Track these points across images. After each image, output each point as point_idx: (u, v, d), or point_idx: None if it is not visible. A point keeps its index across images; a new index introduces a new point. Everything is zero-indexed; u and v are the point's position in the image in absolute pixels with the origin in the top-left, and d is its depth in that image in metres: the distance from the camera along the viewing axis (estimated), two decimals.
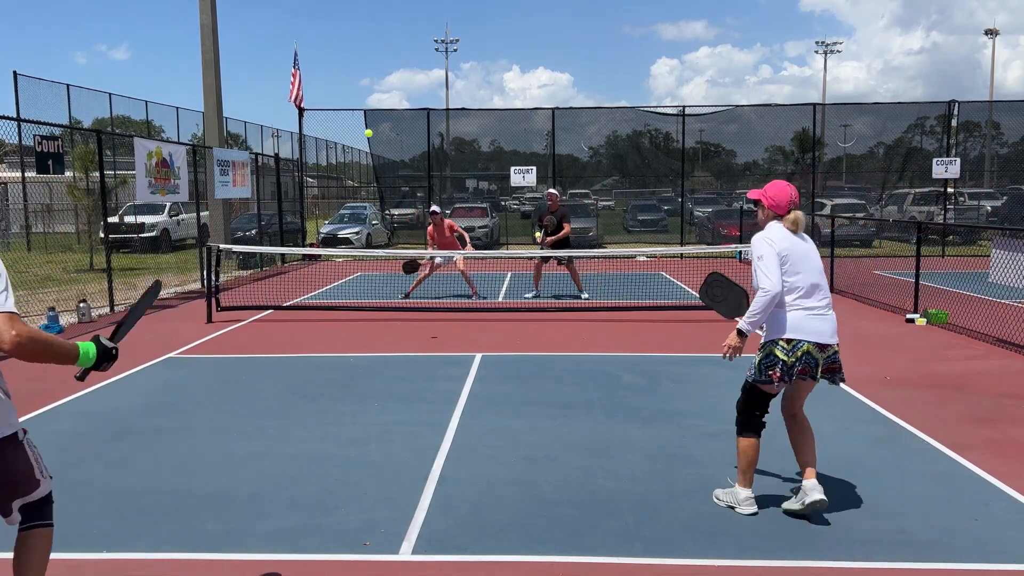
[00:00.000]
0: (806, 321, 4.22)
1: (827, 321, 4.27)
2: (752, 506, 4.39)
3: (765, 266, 4.23)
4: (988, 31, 51.20)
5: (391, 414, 6.38)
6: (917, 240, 11.68)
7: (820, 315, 4.25)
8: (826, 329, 4.25)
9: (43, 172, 10.65)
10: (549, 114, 23.44)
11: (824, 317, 4.26)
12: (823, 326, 4.24)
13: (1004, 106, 25.57)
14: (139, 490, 4.80)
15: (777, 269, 4.21)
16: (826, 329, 4.25)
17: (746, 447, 4.38)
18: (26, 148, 19.86)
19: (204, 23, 18.03)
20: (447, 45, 55.11)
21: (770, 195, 4.42)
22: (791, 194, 4.39)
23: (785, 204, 4.37)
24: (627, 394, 6.95)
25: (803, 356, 4.20)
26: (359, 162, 45.54)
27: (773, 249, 4.26)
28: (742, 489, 4.42)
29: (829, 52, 56.57)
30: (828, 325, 4.26)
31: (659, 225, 26.55)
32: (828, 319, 4.28)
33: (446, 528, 4.25)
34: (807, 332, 4.21)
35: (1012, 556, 3.89)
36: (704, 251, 20.73)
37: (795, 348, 4.20)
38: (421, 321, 10.89)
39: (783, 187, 4.42)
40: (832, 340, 4.27)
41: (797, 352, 4.20)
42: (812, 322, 4.23)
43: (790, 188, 4.42)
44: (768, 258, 4.24)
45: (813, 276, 4.28)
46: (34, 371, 8.09)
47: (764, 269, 4.23)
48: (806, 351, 4.20)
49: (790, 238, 4.31)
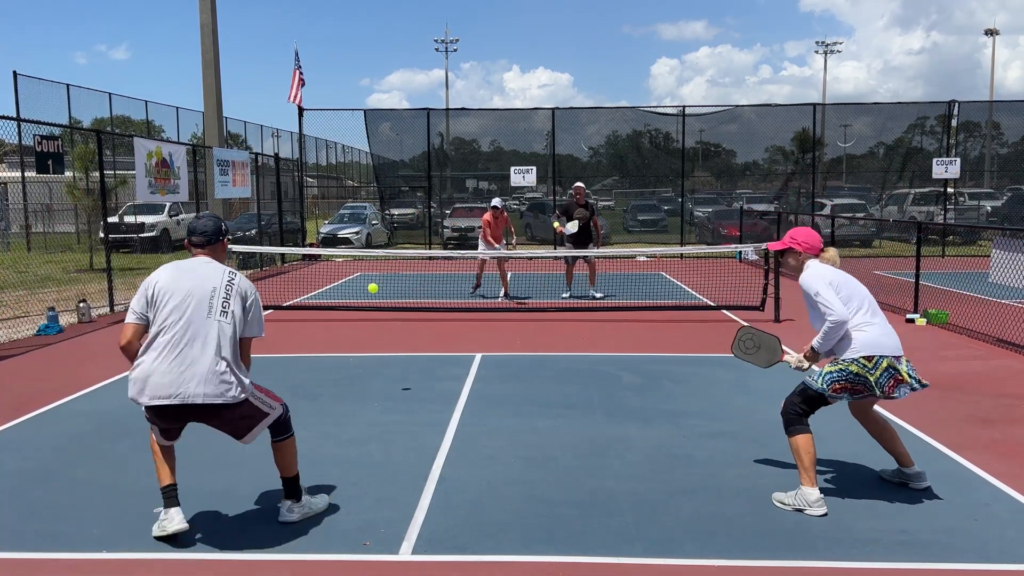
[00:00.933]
0: (881, 337, 4.42)
1: (894, 336, 4.51)
2: (823, 507, 4.37)
3: (825, 299, 4.40)
4: (988, 31, 51.25)
5: (391, 414, 6.37)
6: (917, 240, 11.69)
7: (888, 331, 4.49)
8: (896, 343, 4.48)
9: (43, 172, 10.64)
10: (549, 114, 23.44)
11: (891, 332, 4.51)
12: (894, 340, 4.48)
13: (1004, 106, 25.57)
14: (139, 490, 4.79)
15: (837, 298, 4.39)
16: (896, 343, 4.48)
17: (806, 443, 4.44)
18: (26, 148, 19.87)
19: (204, 23, 18.05)
20: (447, 45, 55.16)
21: (800, 240, 4.66)
22: (820, 236, 4.71)
23: (819, 244, 4.65)
24: (627, 394, 6.95)
25: (886, 371, 4.37)
26: (359, 162, 45.54)
27: (826, 281, 4.45)
28: (811, 490, 4.40)
29: (829, 52, 56.60)
30: (896, 340, 4.50)
31: (659, 225, 26.55)
32: (894, 335, 4.52)
33: (446, 528, 4.24)
34: (884, 348, 4.40)
35: (1012, 556, 3.89)
36: (704, 251, 20.74)
37: (876, 365, 4.36)
38: (421, 321, 10.89)
39: (811, 231, 4.71)
40: (901, 352, 4.47)
41: (878, 369, 4.36)
42: (885, 337, 4.44)
43: (813, 232, 4.72)
44: (825, 291, 4.42)
45: (865, 297, 4.53)
46: (34, 371, 8.09)
47: (825, 301, 4.39)
48: (886, 367, 4.37)
49: (833, 269, 4.55)
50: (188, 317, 3.93)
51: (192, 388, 3.87)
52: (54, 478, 5.02)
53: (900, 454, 4.69)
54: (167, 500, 4.12)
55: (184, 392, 3.87)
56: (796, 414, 4.49)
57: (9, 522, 4.37)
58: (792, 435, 4.48)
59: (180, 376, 3.88)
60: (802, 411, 4.50)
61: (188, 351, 3.90)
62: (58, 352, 9.07)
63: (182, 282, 4.01)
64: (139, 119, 30.11)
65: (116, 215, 21.78)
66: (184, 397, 3.87)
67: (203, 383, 3.88)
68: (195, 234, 4.22)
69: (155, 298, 4.00)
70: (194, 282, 4.01)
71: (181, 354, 3.90)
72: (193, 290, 3.98)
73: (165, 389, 3.88)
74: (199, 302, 3.97)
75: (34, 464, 5.28)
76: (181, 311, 3.94)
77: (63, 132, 21.12)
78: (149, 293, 4.02)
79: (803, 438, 4.44)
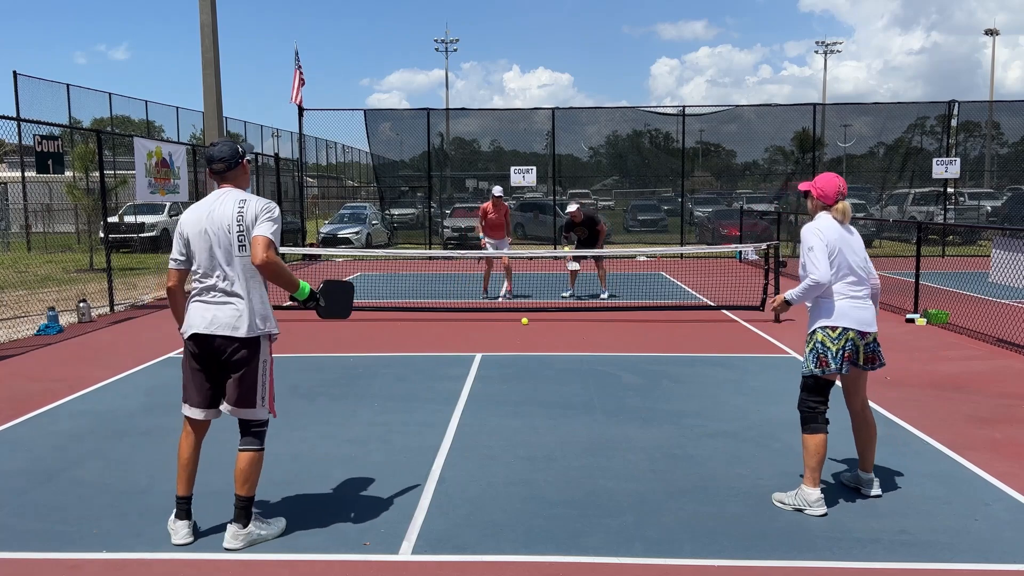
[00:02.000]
0: (851, 310, 4.41)
1: (869, 310, 4.48)
2: (823, 507, 4.37)
3: (815, 256, 4.40)
4: (988, 31, 51.26)
5: (391, 414, 6.37)
6: (917, 240, 11.69)
7: (863, 305, 4.46)
8: (868, 317, 4.45)
9: (43, 172, 10.64)
10: (549, 114, 23.43)
11: (866, 306, 4.47)
12: (865, 314, 4.45)
13: (1004, 106, 25.56)
14: (139, 490, 4.80)
15: (826, 259, 4.38)
16: (868, 317, 4.45)
17: (817, 444, 4.41)
18: (26, 148, 19.87)
19: (204, 23, 18.04)
20: (447, 45, 55.16)
21: (819, 186, 4.56)
22: (839, 185, 4.54)
23: (833, 194, 4.52)
24: (627, 394, 6.95)
25: (847, 344, 4.39)
26: (359, 162, 45.54)
27: (822, 240, 4.42)
28: (812, 490, 4.39)
29: (829, 52, 56.60)
30: (869, 314, 4.47)
31: (659, 225, 26.55)
32: (869, 308, 4.49)
33: (446, 528, 4.24)
34: (851, 320, 4.40)
35: (1012, 556, 3.89)
36: (704, 251, 20.74)
37: (840, 336, 4.39)
38: (421, 321, 10.89)
39: (832, 178, 4.57)
40: (872, 328, 4.45)
41: (842, 340, 4.38)
42: (856, 311, 4.42)
43: (838, 179, 4.57)
44: (818, 249, 4.41)
45: (857, 265, 4.47)
46: (34, 371, 8.09)
47: (813, 259, 4.40)
48: (849, 338, 4.39)
49: (838, 229, 4.47)
50: (211, 259, 4.09)
51: (214, 322, 4.06)
52: (54, 478, 5.02)
53: (866, 458, 4.66)
54: (178, 511, 4.18)
55: (211, 327, 4.06)
56: (809, 410, 4.47)
57: (9, 522, 4.37)
58: (806, 433, 4.45)
59: (204, 312, 4.10)
60: (813, 404, 4.46)
61: (215, 292, 4.10)
62: (58, 352, 9.07)
63: (202, 224, 4.11)
64: (139, 119, 30.13)
65: (116, 215, 21.77)
66: (213, 329, 4.05)
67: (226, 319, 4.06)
68: (214, 161, 4.20)
69: (186, 242, 4.18)
70: (210, 223, 4.09)
71: (210, 294, 4.11)
72: (210, 231, 4.08)
73: (197, 324, 4.11)
74: (217, 243, 4.07)
75: (34, 464, 5.28)
76: (205, 253, 4.10)
77: (63, 132, 21.13)
78: (181, 239, 4.19)
79: (816, 438, 4.41)
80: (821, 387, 4.48)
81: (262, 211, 4.10)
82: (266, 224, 4.07)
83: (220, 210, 4.10)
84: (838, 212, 4.51)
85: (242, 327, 4.03)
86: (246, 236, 4.06)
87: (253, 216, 4.07)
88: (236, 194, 4.17)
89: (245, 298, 4.06)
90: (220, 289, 4.08)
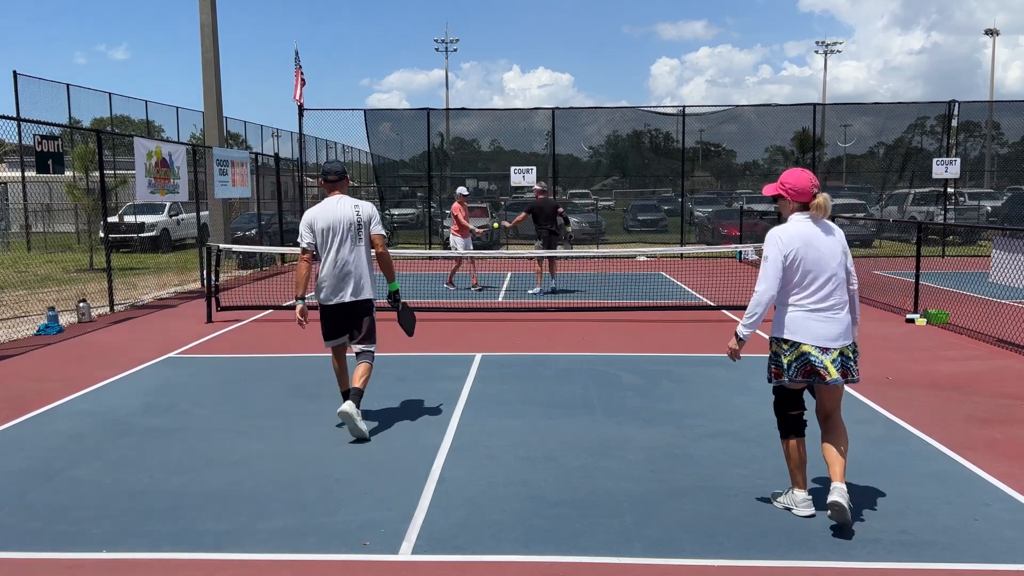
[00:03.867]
0: (807, 323, 4.15)
1: (835, 324, 4.15)
2: (809, 508, 4.34)
3: (765, 268, 4.18)
4: (988, 31, 51.28)
5: (391, 414, 6.38)
6: (917, 240, 11.68)
7: (825, 318, 4.15)
8: (832, 331, 4.15)
9: (43, 172, 10.64)
10: (549, 114, 23.44)
11: (829, 320, 4.15)
12: (828, 328, 4.14)
13: (1004, 106, 25.57)
14: (139, 490, 4.80)
15: (777, 272, 4.14)
16: (832, 331, 4.15)
17: (790, 448, 4.35)
18: (26, 148, 19.87)
19: (204, 23, 18.03)
20: (447, 45, 55.17)
21: (788, 185, 4.23)
22: (810, 178, 4.21)
23: (808, 190, 4.18)
24: (627, 394, 6.95)
25: (800, 358, 4.16)
26: (359, 162, 45.51)
27: (779, 249, 4.16)
28: (798, 491, 4.38)
29: (829, 52, 56.61)
30: (835, 328, 4.15)
31: (659, 225, 26.56)
32: (836, 322, 4.16)
33: (446, 528, 4.25)
34: (806, 334, 4.15)
35: (1012, 556, 3.89)
36: (704, 251, 20.74)
37: (793, 348, 4.18)
38: (421, 321, 10.86)
39: (800, 173, 4.23)
40: (834, 343, 4.15)
41: (793, 353, 4.18)
42: (813, 324, 4.15)
43: (807, 172, 4.24)
44: (771, 260, 4.17)
45: (824, 276, 4.14)
46: (34, 371, 8.09)
47: (764, 270, 4.19)
48: (803, 352, 4.15)
49: (806, 234, 4.15)
50: (341, 244, 5.80)
51: (348, 291, 5.85)
52: (54, 478, 5.02)
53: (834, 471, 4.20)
54: (344, 397, 6.02)
55: (341, 296, 5.85)
56: (778, 417, 4.40)
57: (9, 522, 4.37)
58: (781, 437, 4.42)
59: (339, 285, 5.83)
60: (781, 412, 4.37)
61: (343, 268, 5.81)
62: (58, 352, 9.07)
63: (329, 220, 5.80)
64: (139, 119, 30.10)
65: (116, 215, 21.78)
66: (341, 298, 5.85)
67: (352, 288, 5.86)
68: (330, 173, 5.96)
69: (316, 232, 5.83)
70: (338, 217, 5.80)
71: (339, 271, 5.81)
72: (339, 224, 5.79)
73: (331, 295, 5.85)
74: (344, 233, 5.80)
75: (34, 464, 5.28)
76: (336, 239, 5.80)
77: (63, 132, 21.12)
78: (315, 230, 5.84)
79: (788, 443, 4.36)
80: (787, 393, 4.34)
81: (374, 214, 5.96)
82: (379, 225, 5.95)
83: (341, 211, 5.82)
84: (818, 208, 4.17)
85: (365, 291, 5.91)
86: (364, 230, 5.86)
87: (368, 217, 5.89)
88: (348, 199, 5.90)
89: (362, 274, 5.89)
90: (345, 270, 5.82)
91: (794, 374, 4.19)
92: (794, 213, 4.24)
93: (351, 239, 5.80)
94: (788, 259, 4.13)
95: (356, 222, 5.83)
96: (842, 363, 4.18)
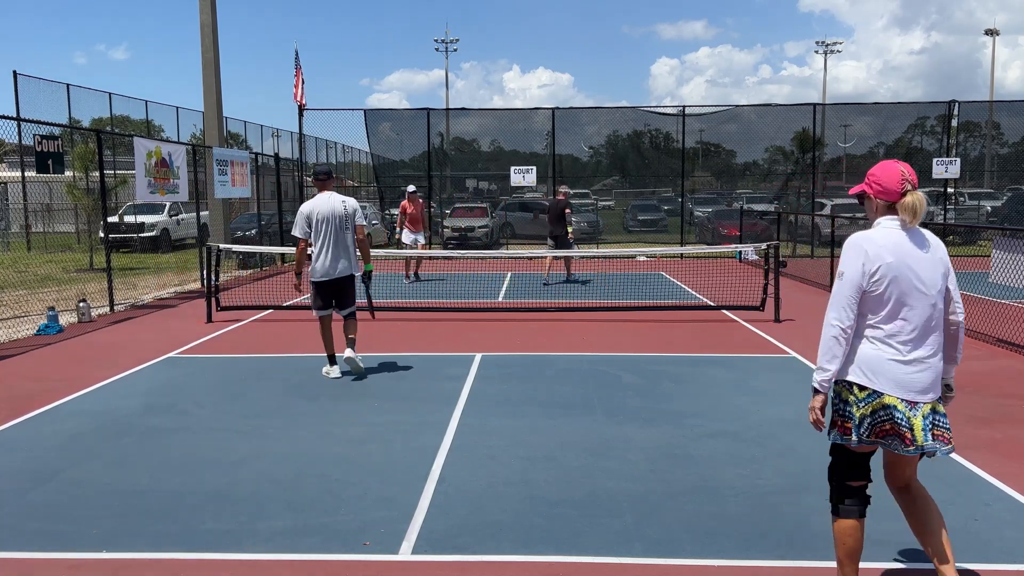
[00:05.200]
0: (892, 366, 3.14)
1: (926, 370, 3.16)
2: None
3: (840, 289, 3.18)
4: (988, 31, 51.29)
5: (391, 414, 6.38)
6: None
7: (916, 360, 3.15)
8: (920, 381, 3.15)
9: (43, 172, 10.64)
10: (549, 114, 23.45)
11: (922, 364, 3.16)
12: (916, 376, 3.15)
13: (1004, 106, 25.58)
14: (139, 490, 4.80)
15: (855, 293, 3.15)
16: (920, 381, 3.15)
17: (841, 531, 3.30)
18: (26, 148, 19.86)
19: (204, 23, 18.03)
20: (447, 45, 55.17)
21: (874, 179, 3.26)
22: (902, 172, 3.21)
23: (896, 187, 3.19)
24: (627, 394, 6.95)
25: (878, 412, 3.14)
26: (359, 162, 45.53)
27: (862, 263, 3.14)
28: None
29: (829, 52, 56.59)
30: (926, 375, 3.16)
31: (659, 225, 26.56)
32: (928, 368, 3.17)
33: (446, 528, 4.24)
34: (890, 382, 3.14)
35: (1012, 556, 3.90)
36: (704, 251, 20.75)
37: (870, 398, 3.16)
38: (421, 321, 10.89)
39: (890, 165, 3.25)
40: (924, 396, 3.16)
41: (869, 405, 3.16)
42: (900, 369, 3.14)
43: (900, 165, 3.24)
44: (849, 277, 3.16)
45: (919, 305, 3.15)
46: (35, 371, 8.09)
47: (837, 292, 3.19)
48: (885, 406, 3.13)
49: (897, 243, 3.16)
50: (332, 231, 7.32)
51: (337, 271, 7.40)
52: (54, 478, 5.02)
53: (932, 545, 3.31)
54: (330, 360, 7.59)
55: (332, 273, 7.39)
56: (833, 486, 3.35)
57: (9, 522, 4.37)
58: (832, 513, 3.36)
59: (332, 265, 7.37)
60: (838, 480, 3.32)
61: (335, 251, 7.35)
62: (58, 352, 9.07)
63: (323, 211, 7.31)
64: (139, 119, 30.09)
65: (116, 215, 21.79)
66: (332, 275, 7.40)
67: (341, 267, 7.42)
68: (321, 174, 7.59)
69: (312, 221, 7.32)
70: (329, 210, 7.33)
71: (331, 253, 7.35)
72: (331, 215, 7.31)
73: (325, 273, 7.38)
74: (335, 222, 7.32)
75: (34, 464, 5.28)
76: (328, 229, 7.31)
77: (63, 132, 21.12)
78: (311, 219, 7.33)
79: (840, 524, 3.31)
80: (851, 457, 3.28)
81: (358, 208, 7.52)
82: (362, 217, 7.56)
83: (332, 205, 7.35)
84: (906, 211, 3.16)
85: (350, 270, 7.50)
86: (350, 222, 7.41)
87: (352, 210, 7.44)
88: (336, 195, 7.46)
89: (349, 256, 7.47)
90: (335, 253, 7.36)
91: (866, 433, 3.16)
92: (882, 217, 3.25)
93: (340, 228, 7.33)
94: (873, 277, 3.14)
95: (344, 214, 7.35)
96: (932, 422, 3.21)
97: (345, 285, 7.51)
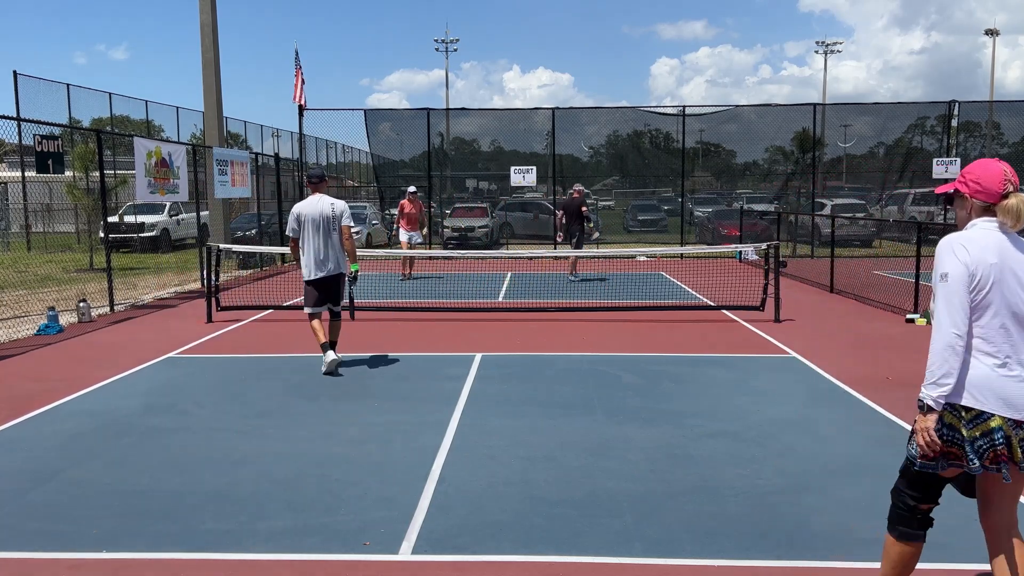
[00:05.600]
0: (1000, 383, 2.86)
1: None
2: None
3: (947, 295, 2.85)
4: (988, 31, 51.29)
5: (391, 414, 6.38)
6: (917, 240, 11.69)
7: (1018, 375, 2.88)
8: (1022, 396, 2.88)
9: (43, 172, 10.64)
10: (549, 114, 23.44)
11: None
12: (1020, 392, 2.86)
13: (1004, 106, 25.57)
14: (139, 490, 4.80)
15: (964, 298, 2.83)
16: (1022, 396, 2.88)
17: (900, 554, 3.12)
18: (26, 148, 19.87)
19: (204, 23, 18.03)
20: (447, 45, 55.14)
21: (972, 177, 2.98)
22: (1003, 171, 2.95)
23: (997, 188, 2.91)
24: (627, 394, 6.95)
25: (988, 435, 2.86)
26: (359, 162, 45.53)
27: (966, 265, 2.85)
28: None
29: (829, 52, 56.57)
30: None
31: (659, 225, 26.57)
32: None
33: (446, 528, 4.25)
34: (997, 401, 2.86)
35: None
36: (704, 251, 20.74)
37: (978, 420, 2.87)
38: (421, 321, 10.89)
39: (990, 165, 2.99)
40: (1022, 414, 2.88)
41: (980, 427, 2.87)
42: (1009, 385, 2.86)
43: (1000, 164, 2.98)
44: (955, 280, 2.85)
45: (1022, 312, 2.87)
46: (35, 371, 8.10)
47: (944, 299, 2.86)
48: (993, 429, 2.86)
49: (999, 244, 2.89)
50: (318, 232, 7.67)
51: (327, 268, 7.76)
52: (54, 478, 5.02)
53: None
54: (323, 348, 7.69)
55: (325, 271, 7.74)
56: (901, 505, 3.16)
57: (9, 522, 4.37)
58: (890, 533, 3.19)
59: (321, 263, 7.71)
60: (910, 501, 3.13)
61: (323, 251, 7.70)
62: (58, 352, 9.07)
63: (310, 212, 7.66)
64: (139, 119, 30.10)
65: (116, 215, 21.78)
66: (320, 274, 7.73)
67: (331, 266, 7.77)
68: (313, 177, 7.97)
69: (300, 222, 7.69)
70: (317, 211, 7.68)
71: (320, 252, 7.70)
72: (317, 217, 7.66)
73: (313, 271, 7.72)
74: (322, 223, 7.66)
75: (34, 464, 5.28)
76: (315, 228, 7.66)
77: (63, 132, 21.12)
78: (299, 220, 7.69)
79: (899, 547, 3.14)
80: (924, 480, 3.07)
81: (346, 210, 7.83)
82: (349, 219, 7.82)
83: (320, 207, 7.69)
84: (1008, 214, 2.89)
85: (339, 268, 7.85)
86: (336, 223, 7.73)
87: (340, 212, 7.76)
88: (327, 198, 7.80)
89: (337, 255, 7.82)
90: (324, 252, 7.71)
91: (982, 456, 2.88)
92: (978, 219, 2.98)
93: (327, 229, 7.69)
94: (977, 280, 2.85)
95: (331, 216, 7.70)
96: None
97: (334, 283, 7.90)
